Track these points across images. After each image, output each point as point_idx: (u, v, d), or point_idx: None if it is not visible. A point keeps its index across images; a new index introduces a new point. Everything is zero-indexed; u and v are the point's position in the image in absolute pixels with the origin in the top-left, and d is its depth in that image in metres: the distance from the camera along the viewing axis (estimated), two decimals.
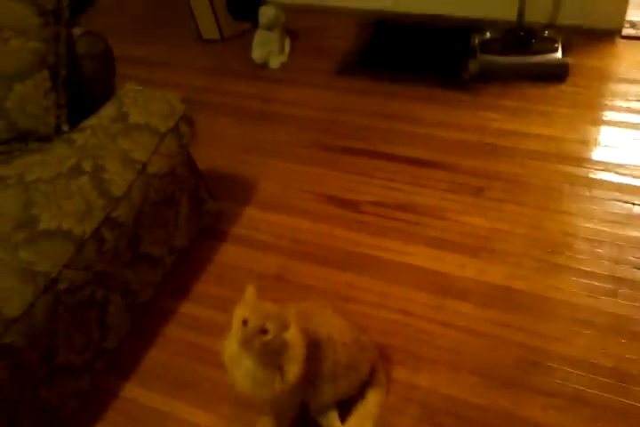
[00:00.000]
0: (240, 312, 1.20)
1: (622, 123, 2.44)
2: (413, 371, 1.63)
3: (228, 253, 2.05)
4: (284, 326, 1.21)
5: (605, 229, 2.00)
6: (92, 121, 1.77)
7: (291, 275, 1.95)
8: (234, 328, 1.20)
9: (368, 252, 2.01)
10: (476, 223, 2.08)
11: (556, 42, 2.79)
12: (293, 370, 1.25)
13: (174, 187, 1.89)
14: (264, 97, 2.92)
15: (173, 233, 1.92)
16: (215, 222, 2.16)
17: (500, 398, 1.54)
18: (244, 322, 1.17)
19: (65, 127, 1.76)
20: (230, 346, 1.26)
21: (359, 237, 2.08)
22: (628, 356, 1.61)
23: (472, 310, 1.77)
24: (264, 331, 1.17)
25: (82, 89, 1.88)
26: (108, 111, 1.80)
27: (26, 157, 1.65)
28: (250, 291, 1.25)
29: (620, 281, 1.82)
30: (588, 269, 1.87)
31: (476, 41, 2.89)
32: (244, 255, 2.03)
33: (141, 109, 1.80)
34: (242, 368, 1.25)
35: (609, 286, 1.81)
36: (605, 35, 2.99)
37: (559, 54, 2.76)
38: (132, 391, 1.62)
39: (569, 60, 2.76)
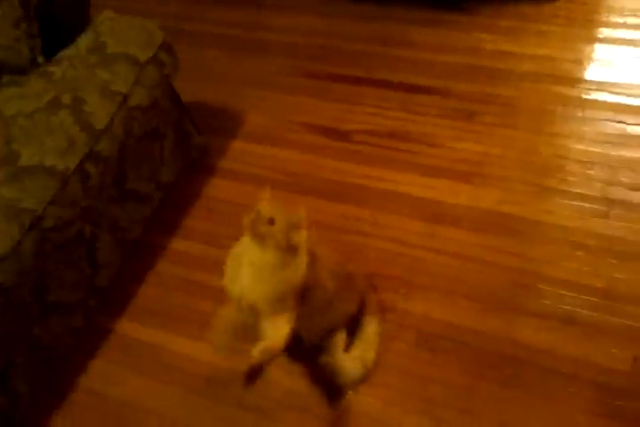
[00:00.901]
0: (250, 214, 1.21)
1: (618, 39, 2.36)
2: (407, 298, 1.64)
3: (217, 188, 2.02)
4: (294, 226, 1.20)
5: (598, 150, 1.97)
6: (68, 52, 1.69)
7: None
8: (244, 221, 1.20)
9: (360, 182, 1.98)
10: (469, 149, 2.05)
11: None
12: (301, 268, 1.23)
13: (158, 120, 1.83)
14: (249, 24, 2.79)
15: (160, 168, 1.88)
16: (202, 156, 2.12)
17: (493, 322, 1.56)
18: (257, 212, 1.19)
19: (40, 59, 1.68)
20: (236, 255, 1.27)
21: (350, 167, 2.04)
22: (618, 276, 1.63)
23: (465, 236, 1.77)
24: (272, 221, 1.18)
25: (55, 18, 1.77)
26: (84, 41, 1.72)
27: (1, 91, 1.59)
28: (265, 192, 1.27)
29: (612, 202, 1.81)
30: (579, 192, 1.85)
31: None
32: (232, 189, 2.00)
33: (119, 38, 1.72)
34: (249, 264, 1.23)
35: (601, 208, 1.80)
36: None
37: None
38: (126, 327, 1.64)
39: None
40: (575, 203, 1.83)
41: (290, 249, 1.21)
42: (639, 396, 1.39)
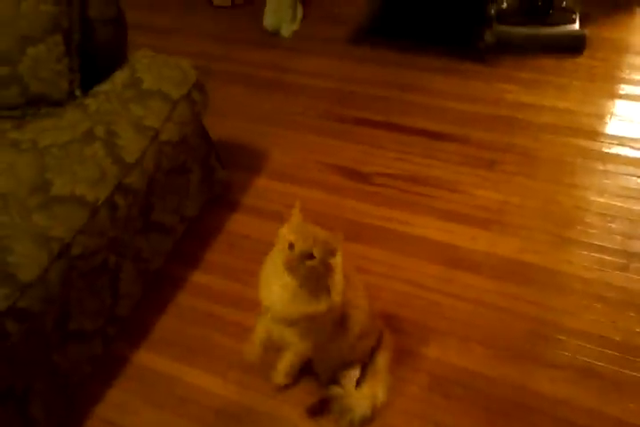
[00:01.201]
0: (286, 233, 1.17)
1: (638, 96, 2.41)
2: (423, 342, 1.64)
3: (239, 223, 2.05)
4: (331, 253, 1.18)
5: (618, 203, 1.99)
6: (104, 86, 1.75)
7: None
8: (279, 248, 1.17)
9: (379, 223, 2.01)
10: (489, 196, 2.07)
11: (574, 13, 2.74)
12: (336, 290, 1.23)
13: (186, 155, 1.88)
14: (276, 66, 2.89)
15: (185, 201, 1.91)
16: (226, 192, 2.16)
17: (509, 370, 1.55)
18: (291, 245, 1.14)
19: (77, 92, 1.74)
20: (271, 264, 1.25)
21: (370, 208, 2.07)
22: (637, 329, 1.62)
23: (483, 282, 1.77)
24: (311, 256, 1.14)
25: (95, 54, 1.85)
26: (121, 77, 1.79)
27: (38, 122, 1.64)
28: (296, 211, 1.22)
29: (632, 256, 1.82)
30: (599, 244, 1.86)
31: (493, 10, 2.83)
32: (254, 225, 2.03)
33: (154, 76, 1.79)
34: (282, 285, 1.21)
35: (620, 261, 1.80)
36: (624, 4, 2.93)
37: (577, 25, 2.71)
38: (143, 358, 1.64)
39: (586, 31, 2.71)
40: (595, 255, 1.84)
41: (327, 272, 1.20)
42: None
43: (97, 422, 1.49)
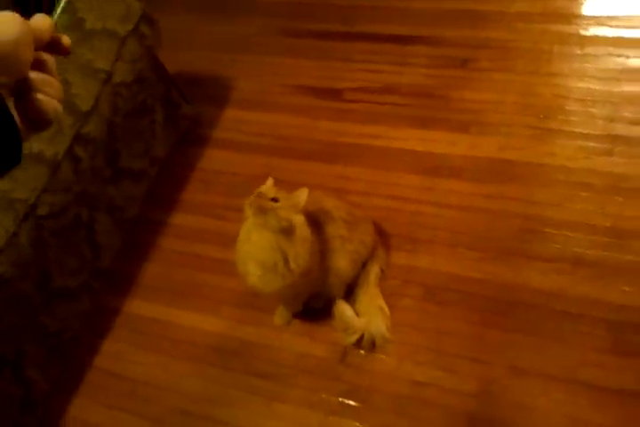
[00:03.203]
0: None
1: None
2: (411, 254, 1.62)
3: (211, 158, 2.00)
4: (294, 207, 1.26)
5: (599, 87, 1.91)
6: None
7: (278, 173, 1.87)
8: (246, 203, 1.25)
9: (355, 141, 1.95)
10: (465, 97, 1.99)
11: None
12: (301, 256, 1.28)
13: (145, 94, 1.80)
14: None
15: (151, 143, 1.86)
16: (194, 127, 2.09)
17: (499, 270, 1.54)
18: (259, 194, 1.25)
19: None
20: (244, 240, 1.31)
21: (345, 126, 2.00)
22: (625, 213, 1.59)
23: (465, 186, 1.73)
24: (275, 200, 1.24)
25: None
26: (61, 19, 1.68)
27: None
28: (268, 180, 1.33)
29: (616, 139, 1.76)
30: (582, 131, 1.80)
31: None
32: (227, 159, 1.98)
33: (96, 14, 1.67)
34: (258, 262, 1.29)
35: (604, 146, 1.75)
36: None
37: None
38: (133, 306, 1.65)
39: None
40: (578, 143, 1.78)
41: (290, 229, 1.25)
42: None
43: (96, 374, 1.52)
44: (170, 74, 1.96)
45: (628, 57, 1.97)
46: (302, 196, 1.27)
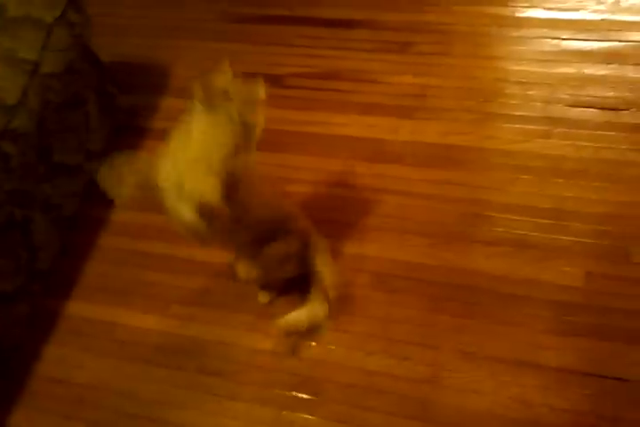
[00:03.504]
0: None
1: None
2: (360, 242, 1.62)
3: (150, 150, 1.93)
4: (251, 102, 1.10)
5: (536, 69, 1.94)
6: None
7: None
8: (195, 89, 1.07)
9: (298, 129, 1.92)
10: (407, 82, 1.99)
11: None
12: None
13: (76, 85, 1.72)
14: None
15: (86, 136, 1.78)
16: (131, 119, 2.01)
17: (446, 255, 1.56)
18: (209, 81, 1.07)
19: None
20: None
21: (287, 114, 1.97)
22: (565, 194, 1.63)
23: (410, 172, 1.74)
24: (226, 94, 1.07)
25: None
26: None
27: None
28: (224, 64, 1.13)
29: (554, 121, 1.79)
30: (521, 114, 1.83)
31: None
32: None
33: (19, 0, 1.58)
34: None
35: (543, 128, 1.78)
36: None
37: None
38: (77, 308, 1.59)
39: None
40: (518, 126, 1.81)
41: (243, 127, 1.10)
42: (595, 309, 1.42)
43: (41, 382, 1.47)
44: (104, 63, 1.88)
45: (562, 38, 2.02)
46: (260, 89, 1.11)
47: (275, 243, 1.37)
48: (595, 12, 2.07)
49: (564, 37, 2.01)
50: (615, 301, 1.42)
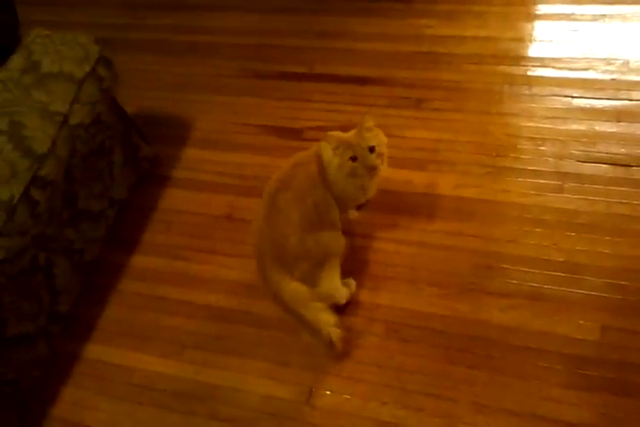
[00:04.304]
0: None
1: (555, 15, 2.38)
2: (374, 291, 1.64)
3: (173, 199, 1.99)
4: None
5: (547, 125, 1.99)
6: (0, 75, 1.64)
7: (241, 213, 1.91)
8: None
9: None
10: (420, 136, 2.05)
11: None
12: None
13: (103, 135, 1.79)
14: (185, 28, 2.75)
15: (110, 184, 1.84)
16: (154, 168, 2.08)
17: (460, 306, 1.57)
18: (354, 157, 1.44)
19: None
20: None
21: None
22: (578, 248, 1.65)
23: (423, 224, 1.77)
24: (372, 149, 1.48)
25: None
26: (16, 62, 1.67)
27: None
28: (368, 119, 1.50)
29: (565, 176, 1.83)
30: (533, 169, 1.87)
31: None
32: (188, 199, 1.98)
33: (53, 56, 1.68)
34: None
35: (555, 183, 1.82)
36: None
37: None
38: (95, 352, 1.61)
39: None
40: (530, 180, 1.85)
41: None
42: (611, 364, 1.41)
43: (56, 424, 1.47)
44: (129, 115, 1.97)
45: (572, 97, 2.07)
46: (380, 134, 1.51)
47: None
48: (604, 72, 2.14)
49: (575, 95, 2.07)
50: (631, 355, 1.42)
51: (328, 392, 1.45)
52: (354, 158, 1.43)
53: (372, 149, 1.45)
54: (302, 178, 1.48)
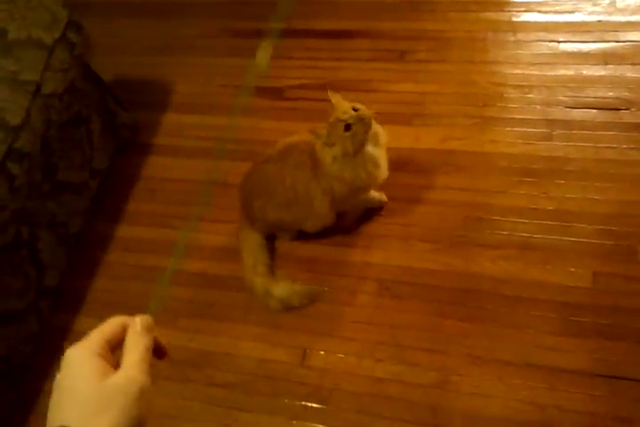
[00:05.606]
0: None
1: None
2: (365, 250, 1.63)
3: (155, 166, 1.95)
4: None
5: (534, 72, 1.94)
6: None
7: (225, 177, 1.87)
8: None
9: None
10: (405, 89, 2.00)
11: None
12: None
13: (78, 104, 1.74)
14: None
15: (90, 154, 1.80)
16: (134, 135, 2.03)
17: (451, 260, 1.56)
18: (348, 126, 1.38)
19: None
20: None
21: (288, 125, 1.97)
22: (568, 195, 1.63)
23: (412, 179, 1.74)
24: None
25: None
26: None
27: None
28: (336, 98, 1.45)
29: (554, 123, 1.79)
30: (521, 117, 1.83)
31: None
32: (171, 165, 1.94)
33: (19, 23, 1.60)
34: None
35: (543, 130, 1.78)
36: None
37: None
38: (85, 324, 1.59)
39: None
40: (518, 129, 1.81)
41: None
42: (603, 309, 1.41)
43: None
44: (105, 81, 1.91)
45: (558, 41, 2.02)
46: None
47: None
48: (591, 13, 2.08)
49: (561, 40, 2.01)
50: (623, 300, 1.42)
51: (322, 352, 1.46)
52: (348, 127, 1.37)
53: (355, 109, 1.40)
54: (292, 163, 1.52)
